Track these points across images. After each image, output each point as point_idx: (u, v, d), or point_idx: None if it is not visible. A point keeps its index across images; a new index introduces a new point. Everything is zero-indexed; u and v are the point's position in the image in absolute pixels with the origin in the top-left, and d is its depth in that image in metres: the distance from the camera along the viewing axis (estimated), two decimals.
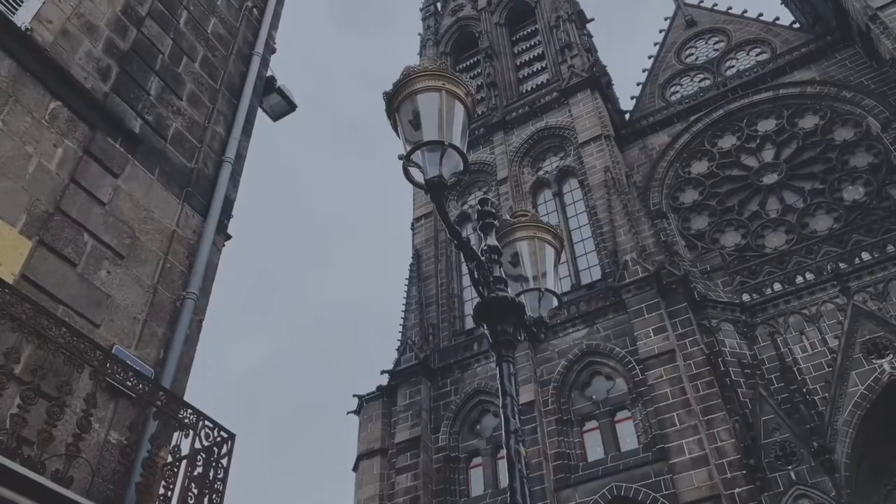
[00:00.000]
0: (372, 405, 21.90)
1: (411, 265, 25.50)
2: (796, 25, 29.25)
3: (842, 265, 18.85)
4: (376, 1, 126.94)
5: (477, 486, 19.21)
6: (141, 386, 4.79)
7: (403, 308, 24.17)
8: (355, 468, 20.87)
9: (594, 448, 18.02)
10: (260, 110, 9.55)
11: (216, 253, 7.15)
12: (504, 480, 17.30)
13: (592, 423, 18.51)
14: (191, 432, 4.83)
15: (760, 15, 29.33)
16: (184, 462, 4.71)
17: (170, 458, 4.69)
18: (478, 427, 20.28)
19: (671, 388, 16.87)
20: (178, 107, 7.30)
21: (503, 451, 3.69)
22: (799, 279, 19.29)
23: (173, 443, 4.75)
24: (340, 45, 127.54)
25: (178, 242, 6.52)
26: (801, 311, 18.56)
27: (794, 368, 17.42)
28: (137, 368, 5.04)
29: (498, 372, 3.91)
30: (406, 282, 25.09)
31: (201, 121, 7.65)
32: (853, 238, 19.75)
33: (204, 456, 4.78)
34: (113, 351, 5.17)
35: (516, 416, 3.77)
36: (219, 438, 4.91)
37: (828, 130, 23.33)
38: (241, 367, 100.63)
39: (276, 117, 10.19)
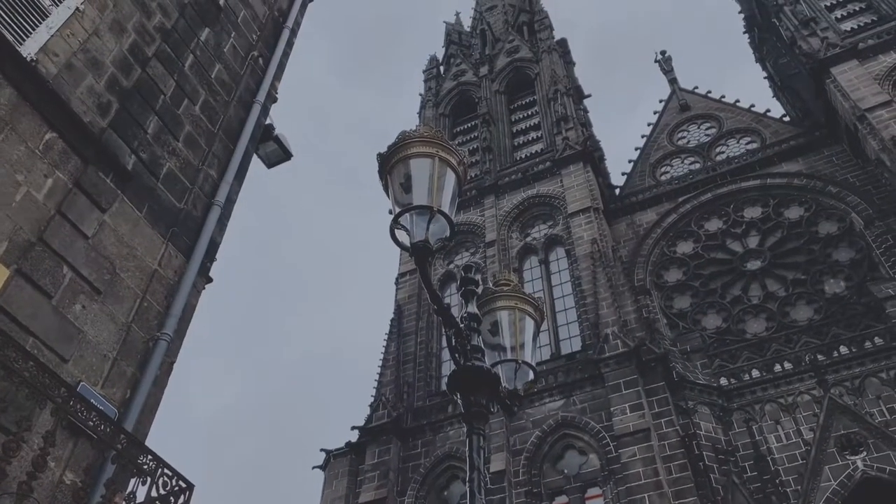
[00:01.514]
0: (339, 461, 21.41)
1: (392, 320, 25.35)
2: (786, 119, 30.11)
3: (820, 357, 18.92)
4: (382, 60, 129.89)
5: None
6: (103, 427, 4.66)
7: (380, 363, 23.92)
8: None
9: None
10: (255, 157, 9.65)
11: (195, 295, 7.08)
12: None
13: (563, 499, 18.15)
14: (148, 479, 4.68)
15: (752, 106, 30.23)
16: None
17: None
18: (445, 493, 19.83)
19: (644, 467, 16.63)
20: (173, 147, 7.34)
21: None
22: (777, 367, 19.32)
23: (129, 489, 4.59)
24: (343, 98, 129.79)
25: (158, 282, 6.46)
26: (778, 400, 18.51)
27: (768, 458, 17.27)
28: (101, 408, 4.91)
29: (467, 445, 3.85)
30: (385, 337, 24.90)
31: (195, 163, 7.69)
32: (832, 331, 19.91)
33: None
34: (78, 388, 5.05)
35: (482, 492, 3.69)
36: (176, 488, 4.75)
37: (812, 223, 23.78)
38: (208, 411, 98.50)
39: (270, 165, 10.28)
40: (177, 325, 6.38)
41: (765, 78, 37.42)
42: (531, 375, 4.34)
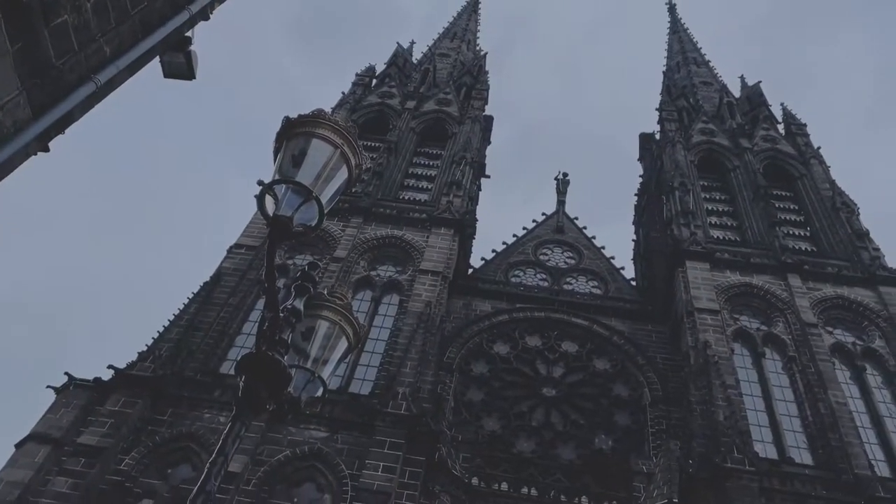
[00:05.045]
0: (78, 392, 19.67)
1: (205, 283, 24.16)
2: (633, 282, 32.58)
3: (563, 497, 20.05)
4: (336, 39, 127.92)
5: None
6: None
7: (172, 318, 22.60)
8: (20, 445, 18.28)
9: None
10: (157, 60, 9.01)
11: (23, 156, 6.36)
12: None
13: None
14: None
15: (612, 258, 32.50)
16: None
17: None
18: (170, 471, 18.71)
19: None
20: (80, 4, 6.71)
21: None
22: (524, 489, 20.22)
23: None
24: (279, 63, 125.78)
25: None
26: None
27: None
28: None
29: (227, 428, 3.68)
30: (190, 296, 23.64)
31: (94, 31, 7.03)
32: (583, 479, 21.23)
33: None
34: None
35: (217, 479, 3.52)
36: None
37: (612, 379, 25.55)
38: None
39: (168, 75, 9.61)
40: None
41: (633, 240, 40.54)
42: (319, 393, 4.27)
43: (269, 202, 3.48)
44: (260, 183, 3.51)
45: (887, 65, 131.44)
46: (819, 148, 34.77)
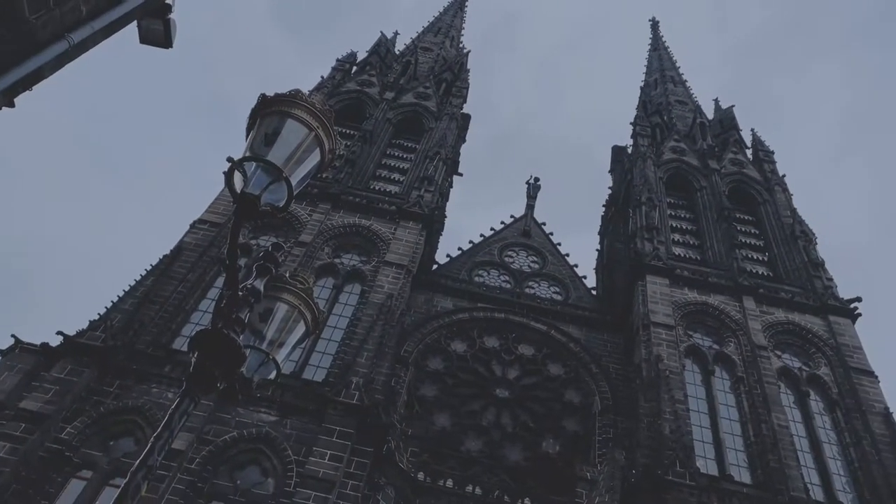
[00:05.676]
0: (24, 356, 19.18)
1: (164, 257, 23.74)
2: (594, 292, 32.95)
3: (506, 498, 20.21)
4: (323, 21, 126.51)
5: (67, 498, 17.04)
6: None
7: (128, 287, 22.18)
8: None
9: None
10: (134, 25, 8.82)
11: None
12: None
13: None
14: None
15: (576, 266, 32.84)
16: None
17: None
18: (112, 443, 18.36)
19: None
20: None
21: (120, 480, 3.35)
22: (469, 488, 20.32)
23: None
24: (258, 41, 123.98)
25: None
26: None
27: None
28: None
29: (175, 404, 3.63)
30: (148, 268, 23.21)
31: None
32: (527, 483, 21.42)
33: None
34: None
35: (161, 454, 3.47)
36: None
37: (564, 385, 25.83)
38: None
39: (144, 41, 9.42)
40: None
41: (596, 250, 40.99)
42: (272, 375, 4.23)
43: (237, 179, 3.43)
44: (230, 159, 3.46)
45: (857, 102, 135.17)
46: (784, 176, 35.58)
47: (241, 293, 3.63)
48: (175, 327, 22.23)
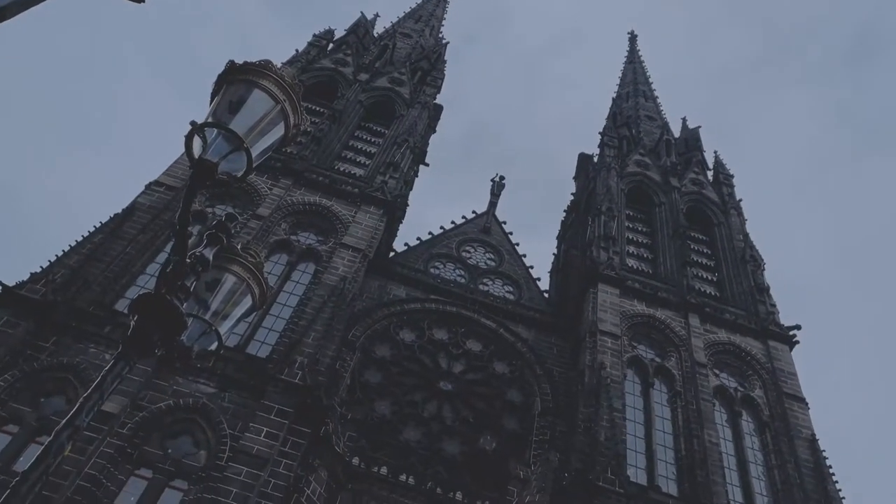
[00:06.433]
0: None
1: (115, 216, 23.19)
2: (546, 294, 33.29)
3: (438, 490, 20.32)
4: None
5: None
6: None
7: (74, 243, 21.57)
8: None
9: (127, 496, 16.59)
10: None
11: None
12: (24, 464, 15.15)
13: (146, 473, 17.20)
14: None
15: (531, 267, 33.12)
16: None
17: None
18: (43, 399, 17.88)
19: (239, 491, 16.38)
20: None
21: (46, 438, 3.26)
22: (402, 477, 20.34)
23: None
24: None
25: None
26: (384, 502, 19.45)
27: None
28: None
29: (109, 365, 3.54)
30: (97, 225, 22.61)
31: None
32: (462, 478, 21.56)
33: None
34: None
35: (90, 415, 3.39)
36: None
37: (508, 384, 26.05)
38: None
39: None
40: None
41: (553, 254, 41.43)
42: (213, 346, 4.16)
43: (197, 144, 3.35)
44: (193, 124, 3.39)
45: (821, 136, 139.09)
46: (741, 200, 36.47)
47: (189, 260, 3.56)
48: (120, 288, 21.73)
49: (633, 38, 60.55)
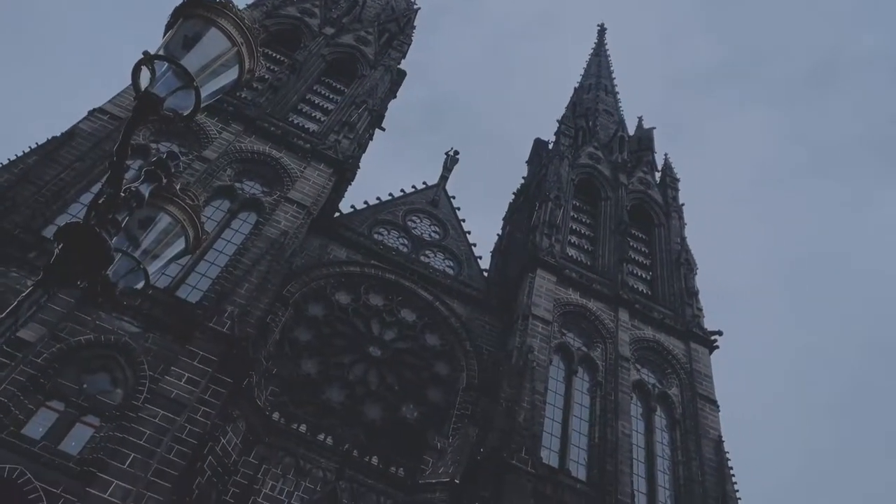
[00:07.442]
0: None
1: (53, 138, 22.26)
2: (485, 273, 33.58)
3: (355, 453, 20.48)
4: None
5: None
6: None
7: (6, 162, 20.63)
8: None
9: (35, 426, 16.17)
10: None
11: None
12: None
13: (57, 405, 16.77)
14: None
15: (474, 245, 33.27)
16: None
17: None
18: None
19: (152, 433, 16.12)
20: None
21: None
22: (320, 436, 20.40)
23: None
24: None
25: None
26: (299, 459, 19.51)
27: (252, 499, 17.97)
28: None
29: (27, 291, 3.44)
30: (33, 146, 21.65)
31: None
32: (380, 442, 21.78)
33: None
34: None
35: (1, 340, 3.29)
36: None
37: (436, 356, 26.30)
38: None
39: None
40: None
41: (497, 234, 41.71)
42: (140, 286, 4.07)
43: (145, 76, 3.24)
44: (146, 53, 3.27)
45: (772, 153, 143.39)
46: (683, 205, 37.42)
47: (123, 194, 3.45)
48: (50, 214, 20.94)
49: (602, 31, 60.88)
